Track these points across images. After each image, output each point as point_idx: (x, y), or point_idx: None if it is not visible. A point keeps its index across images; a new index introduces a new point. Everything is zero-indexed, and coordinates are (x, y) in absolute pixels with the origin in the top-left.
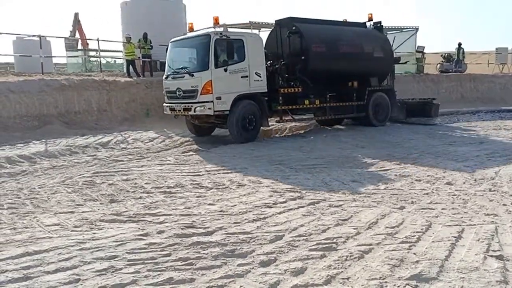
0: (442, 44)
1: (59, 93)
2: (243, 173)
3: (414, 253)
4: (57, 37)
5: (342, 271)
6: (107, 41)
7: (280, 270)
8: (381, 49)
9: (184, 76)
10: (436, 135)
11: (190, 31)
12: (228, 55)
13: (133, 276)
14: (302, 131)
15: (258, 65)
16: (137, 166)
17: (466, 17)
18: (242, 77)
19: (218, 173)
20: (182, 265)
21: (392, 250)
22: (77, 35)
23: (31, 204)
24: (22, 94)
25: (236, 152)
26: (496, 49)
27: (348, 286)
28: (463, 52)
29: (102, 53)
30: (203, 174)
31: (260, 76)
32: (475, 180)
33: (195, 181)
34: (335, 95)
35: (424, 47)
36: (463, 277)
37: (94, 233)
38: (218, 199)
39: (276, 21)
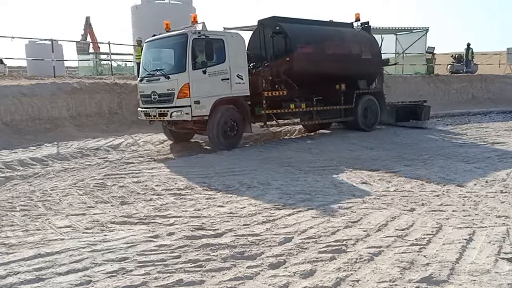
0: (453, 45)
1: (70, 96)
2: (252, 175)
3: (425, 256)
4: (68, 40)
5: (351, 274)
6: (118, 44)
7: (289, 272)
8: (369, 50)
9: (159, 79)
10: (446, 136)
11: (167, 31)
12: (207, 56)
13: (144, 278)
14: (312, 133)
15: (240, 66)
16: (148, 169)
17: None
18: (222, 79)
19: (228, 175)
20: (192, 267)
21: (402, 253)
22: (89, 39)
23: (43, 206)
24: (34, 97)
25: (245, 154)
26: (508, 49)
27: None
28: (472, 53)
29: (113, 56)
30: (212, 176)
31: (242, 79)
32: (486, 181)
33: (204, 183)
34: (322, 98)
35: (434, 48)
36: (474, 280)
37: (105, 235)
38: (228, 201)
39: (258, 21)
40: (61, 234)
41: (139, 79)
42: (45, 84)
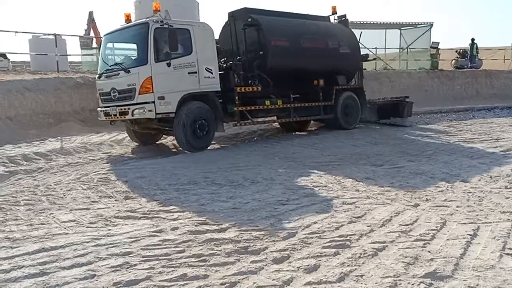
0: (457, 40)
1: (74, 91)
2: (256, 170)
3: (429, 251)
4: (72, 35)
5: (355, 269)
6: None
7: (293, 267)
8: (348, 44)
9: (119, 74)
10: (450, 132)
11: (127, 23)
12: (171, 46)
13: (148, 272)
14: (315, 128)
15: (208, 59)
16: (151, 164)
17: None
18: (189, 73)
19: (231, 170)
20: (196, 261)
21: (406, 248)
22: (92, 34)
23: (47, 201)
24: (38, 92)
25: (249, 149)
26: None
27: (361, 283)
28: (477, 48)
29: None
30: (216, 171)
31: (212, 73)
32: (490, 177)
33: (208, 178)
34: (300, 95)
35: (438, 43)
36: (479, 275)
37: (109, 230)
38: (231, 196)
39: (229, 13)
40: (65, 228)
41: (97, 75)
42: (48, 79)
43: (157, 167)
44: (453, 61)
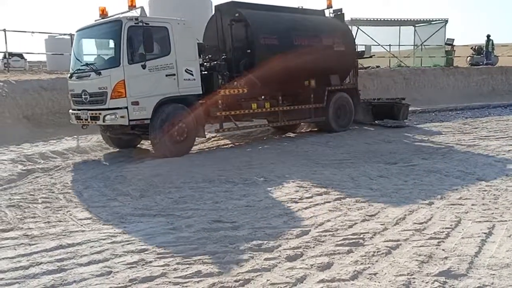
0: (472, 37)
1: None
2: (269, 168)
3: (443, 249)
4: None
5: (369, 267)
6: None
7: (306, 265)
8: (343, 41)
9: (90, 75)
10: (466, 129)
11: (102, 18)
12: (146, 47)
13: (163, 269)
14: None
15: (189, 60)
16: (166, 161)
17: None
18: (167, 75)
19: (245, 169)
20: (210, 258)
21: (420, 246)
22: None
23: (64, 199)
24: (54, 92)
25: (263, 147)
26: None
27: (375, 281)
28: (493, 44)
29: None
30: (230, 170)
31: (192, 75)
32: (506, 175)
33: (222, 176)
34: (289, 97)
35: (453, 39)
36: (494, 274)
37: (125, 227)
38: (245, 194)
39: (215, 6)
40: (82, 225)
41: (68, 75)
42: (64, 79)
43: (172, 166)
44: (469, 58)
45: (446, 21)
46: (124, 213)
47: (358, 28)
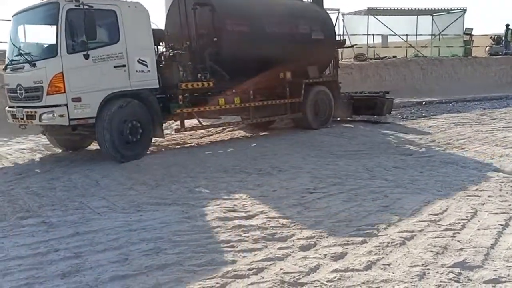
0: (491, 26)
1: None
2: (284, 159)
3: (458, 241)
4: None
5: (383, 257)
6: None
7: (320, 254)
8: (322, 29)
9: (23, 67)
10: (484, 120)
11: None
12: (88, 33)
13: (177, 257)
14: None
15: (142, 49)
16: (181, 152)
17: None
18: (116, 67)
19: (259, 159)
20: (224, 247)
21: (436, 237)
22: None
23: (82, 187)
24: None
25: (277, 138)
26: None
27: (389, 272)
28: None
29: None
30: (244, 160)
31: (147, 66)
32: None
33: (237, 166)
34: (262, 91)
35: (472, 29)
36: (510, 266)
37: (140, 215)
38: (259, 184)
39: None
40: (98, 213)
41: (3, 66)
42: None
43: (188, 155)
44: (487, 47)
45: (464, 10)
46: (140, 202)
47: (374, 17)
